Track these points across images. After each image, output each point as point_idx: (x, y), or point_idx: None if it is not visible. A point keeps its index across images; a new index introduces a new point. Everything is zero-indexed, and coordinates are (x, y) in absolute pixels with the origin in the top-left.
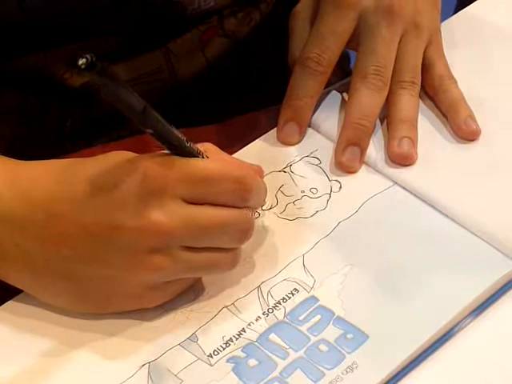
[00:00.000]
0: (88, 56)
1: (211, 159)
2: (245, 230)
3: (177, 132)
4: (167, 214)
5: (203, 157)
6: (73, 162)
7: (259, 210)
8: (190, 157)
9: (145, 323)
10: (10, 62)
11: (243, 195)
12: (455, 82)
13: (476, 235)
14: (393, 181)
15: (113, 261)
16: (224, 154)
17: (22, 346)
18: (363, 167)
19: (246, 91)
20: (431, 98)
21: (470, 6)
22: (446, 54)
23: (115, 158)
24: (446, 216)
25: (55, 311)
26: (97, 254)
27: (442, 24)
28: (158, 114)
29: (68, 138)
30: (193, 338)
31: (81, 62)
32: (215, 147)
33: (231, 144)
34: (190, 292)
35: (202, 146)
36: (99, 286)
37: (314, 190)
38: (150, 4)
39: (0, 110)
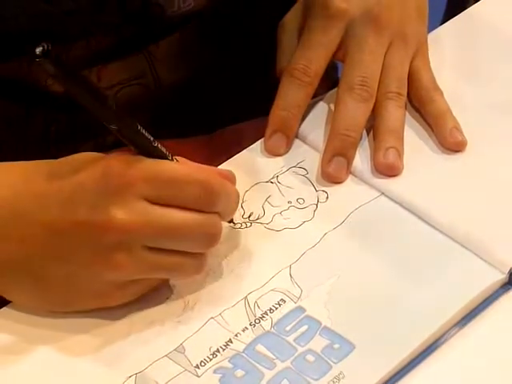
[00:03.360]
0: (44, 44)
1: (178, 162)
2: (210, 236)
3: (144, 131)
4: (129, 212)
5: (172, 159)
6: (39, 162)
7: (246, 221)
8: (158, 158)
9: (132, 335)
10: None
11: (209, 200)
12: (441, 93)
13: (462, 245)
14: (380, 191)
15: (75, 258)
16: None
17: (10, 355)
18: (350, 178)
19: (232, 98)
20: (417, 109)
21: (457, 16)
22: (432, 64)
23: (80, 156)
24: (433, 226)
25: (42, 322)
26: (60, 251)
27: (429, 35)
28: (123, 111)
29: (53, 142)
30: (180, 349)
31: (38, 49)
32: (185, 159)
33: (218, 155)
34: (177, 303)
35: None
36: (63, 283)
37: (301, 201)
38: (128, 6)
39: None
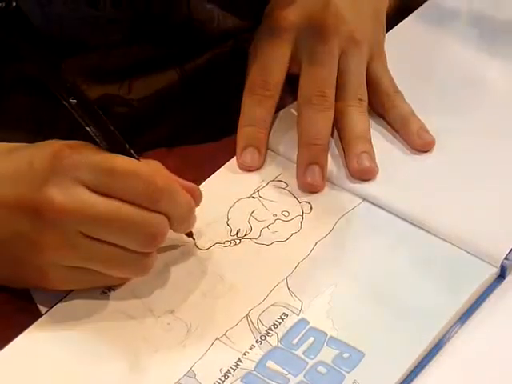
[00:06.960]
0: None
1: (127, 157)
2: (149, 235)
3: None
4: (64, 194)
5: (131, 155)
6: (7, 144)
7: (235, 238)
8: (115, 150)
9: (140, 366)
10: (24, 65)
11: (151, 196)
12: (401, 95)
13: (451, 243)
14: (361, 197)
15: (19, 234)
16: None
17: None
18: (330, 187)
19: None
20: (381, 115)
21: (409, 17)
22: (389, 65)
23: (44, 144)
24: (418, 226)
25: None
26: (8, 226)
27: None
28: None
29: None
30: (190, 374)
31: None
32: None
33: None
34: (180, 328)
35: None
36: (8, 258)
37: (286, 213)
38: (172, 18)
39: (10, 118)
